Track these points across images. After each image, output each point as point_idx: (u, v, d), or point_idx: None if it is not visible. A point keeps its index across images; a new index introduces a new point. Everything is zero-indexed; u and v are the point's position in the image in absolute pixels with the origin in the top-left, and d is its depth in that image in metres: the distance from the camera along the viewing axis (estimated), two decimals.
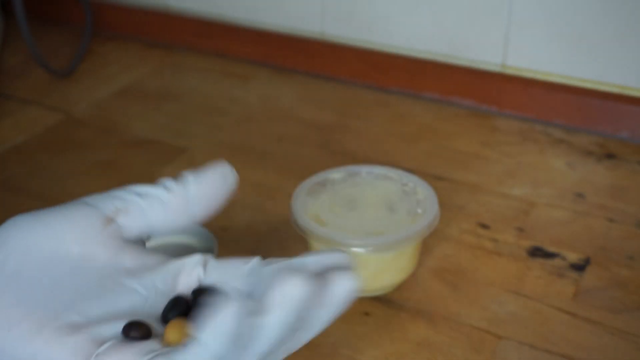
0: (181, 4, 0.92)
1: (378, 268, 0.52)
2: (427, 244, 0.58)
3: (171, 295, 0.36)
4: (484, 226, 0.61)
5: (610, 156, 0.70)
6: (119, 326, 0.34)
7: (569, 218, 0.62)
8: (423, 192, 0.55)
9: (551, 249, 0.58)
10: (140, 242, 0.38)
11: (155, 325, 0.35)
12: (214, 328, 0.30)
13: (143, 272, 0.36)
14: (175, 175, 0.39)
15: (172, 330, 0.34)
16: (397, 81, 0.82)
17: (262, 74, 0.87)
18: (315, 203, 0.54)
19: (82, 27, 0.96)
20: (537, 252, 0.58)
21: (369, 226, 0.52)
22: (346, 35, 0.83)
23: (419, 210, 0.53)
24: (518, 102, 0.76)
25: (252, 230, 0.60)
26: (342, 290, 0.32)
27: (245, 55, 0.89)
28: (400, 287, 0.55)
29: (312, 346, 0.50)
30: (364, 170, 0.57)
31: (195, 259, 0.37)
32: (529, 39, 0.74)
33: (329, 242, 0.51)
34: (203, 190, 0.38)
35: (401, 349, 0.50)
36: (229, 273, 0.36)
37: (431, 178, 0.66)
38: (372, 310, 0.53)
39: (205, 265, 0.37)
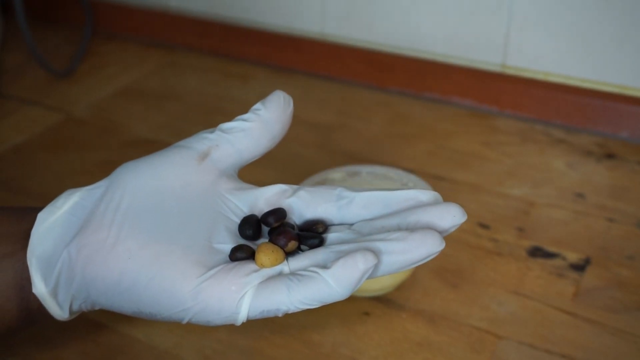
0: (181, 4, 0.92)
1: None
2: None
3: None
4: (484, 226, 0.61)
5: (610, 156, 0.70)
6: (224, 251, 0.38)
7: (569, 218, 0.62)
8: None
9: (551, 249, 0.58)
10: (234, 173, 0.43)
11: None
12: (349, 280, 0.35)
13: (239, 193, 0.41)
14: None
15: (263, 254, 0.37)
16: (397, 81, 0.82)
17: (262, 74, 0.87)
18: None
19: (82, 27, 0.96)
20: (537, 252, 0.58)
21: None
22: (346, 35, 0.83)
23: None
24: (518, 102, 0.76)
25: None
26: (425, 253, 0.36)
27: (245, 55, 0.89)
28: (400, 287, 0.55)
29: (312, 346, 0.50)
30: (364, 170, 0.57)
31: (283, 187, 0.41)
32: (529, 39, 0.74)
33: None
34: (273, 112, 0.42)
35: (401, 349, 0.50)
36: (321, 198, 0.40)
37: (431, 178, 0.66)
38: (372, 310, 0.53)
39: (294, 192, 0.41)
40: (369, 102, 0.81)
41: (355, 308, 0.53)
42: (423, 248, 0.36)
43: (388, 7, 0.80)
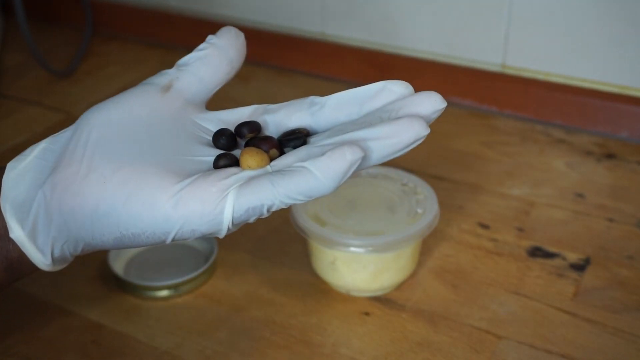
0: (181, 4, 0.92)
1: (378, 268, 0.52)
2: (427, 244, 0.58)
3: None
4: (484, 226, 0.61)
5: (610, 156, 0.70)
6: (199, 162, 0.38)
7: (569, 218, 0.62)
8: (423, 192, 0.55)
9: (551, 249, 0.58)
10: (201, 104, 0.43)
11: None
12: (335, 171, 0.34)
13: (208, 115, 0.42)
14: None
15: (249, 156, 0.37)
16: None
17: (262, 74, 0.87)
18: (315, 203, 0.54)
19: (82, 27, 0.96)
20: (537, 252, 0.58)
21: (369, 226, 0.52)
22: (346, 35, 0.83)
23: (419, 210, 0.53)
24: (518, 102, 0.76)
25: (252, 231, 0.60)
26: (413, 136, 0.36)
27: (245, 55, 0.89)
28: (400, 287, 0.55)
29: (312, 346, 0.50)
30: (364, 170, 0.57)
31: (255, 105, 0.42)
32: (529, 39, 0.74)
33: (328, 242, 0.51)
34: (226, 40, 0.43)
35: (401, 349, 0.50)
36: (293, 108, 0.40)
37: (431, 178, 0.66)
38: (372, 310, 0.53)
39: (266, 109, 0.41)
40: None
41: (355, 308, 0.53)
42: (411, 131, 0.36)
43: (388, 7, 0.80)
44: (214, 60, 0.43)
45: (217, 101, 0.41)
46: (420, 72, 0.80)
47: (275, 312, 0.53)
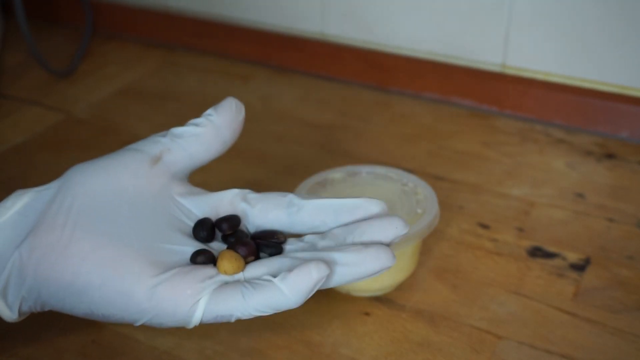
0: (181, 4, 0.92)
1: None
2: (427, 244, 0.58)
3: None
4: (484, 226, 0.61)
5: (610, 156, 0.70)
6: (178, 252, 0.39)
7: (569, 218, 0.62)
8: (423, 192, 0.55)
9: (551, 249, 0.58)
10: (185, 177, 0.44)
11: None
12: (301, 289, 0.36)
13: (191, 197, 0.42)
14: None
15: (227, 262, 0.38)
16: (397, 81, 0.82)
17: (262, 74, 0.87)
18: None
19: (82, 27, 0.96)
20: (537, 252, 0.58)
21: None
22: (346, 35, 0.83)
23: (419, 210, 0.53)
24: (518, 102, 0.76)
25: None
26: (378, 267, 0.38)
27: (245, 55, 0.89)
28: (400, 287, 0.55)
29: (312, 346, 0.50)
30: (364, 170, 0.57)
31: (235, 191, 0.43)
32: (529, 39, 0.74)
33: None
34: (225, 118, 0.43)
35: (401, 349, 0.50)
36: (271, 204, 0.41)
37: (431, 178, 0.66)
38: (372, 310, 0.53)
39: (245, 198, 0.42)
40: (369, 102, 0.81)
41: (355, 308, 0.53)
42: (377, 262, 0.38)
43: (388, 7, 0.80)
44: (208, 138, 0.43)
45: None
46: (420, 72, 0.80)
47: None
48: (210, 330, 0.51)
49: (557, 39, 0.73)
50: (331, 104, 0.80)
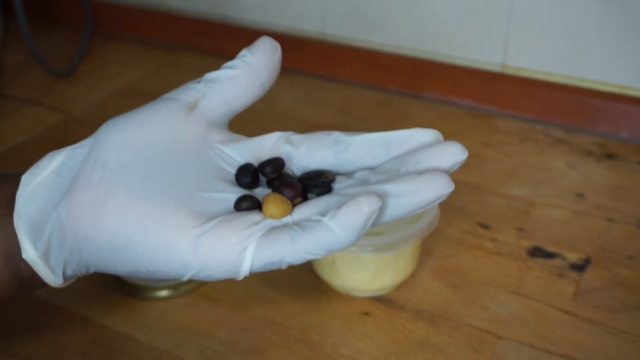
0: (181, 4, 0.92)
1: (378, 268, 0.52)
2: (427, 244, 0.58)
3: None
4: (484, 226, 0.61)
5: (610, 156, 0.70)
6: (221, 200, 0.37)
7: (569, 218, 0.62)
8: None
9: (551, 249, 0.58)
10: (224, 124, 0.41)
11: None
12: (353, 225, 0.34)
13: (231, 143, 0.40)
14: None
15: (272, 205, 0.36)
16: (397, 81, 0.82)
17: None
18: None
19: (82, 27, 0.96)
20: (537, 252, 0.58)
21: None
22: (346, 35, 0.83)
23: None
24: (518, 102, 0.76)
25: None
26: (435, 194, 0.35)
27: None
28: (400, 287, 0.55)
29: (312, 346, 0.50)
30: None
31: (277, 134, 0.40)
32: (529, 39, 0.74)
33: None
34: (260, 58, 0.40)
35: (401, 349, 0.50)
36: (316, 144, 0.39)
37: None
38: (372, 310, 0.53)
39: (288, 139, 0.40)
40: (369, 102, 0.81)
41: (355, 308, 0.53)
42: (433, 189, 0.35)
43: (388, 7, 0.80)
44: (244, 81, 0.41)
45: None
46: (420, 72, 0.80)
47: (275, 312, 0.53)
48: (210, 330, 0.51)
49: (557, 39, 0.73)
50: (331, 104, 0.80)
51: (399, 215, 0.35)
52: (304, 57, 0.85)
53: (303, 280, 0.56)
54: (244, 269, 0.35)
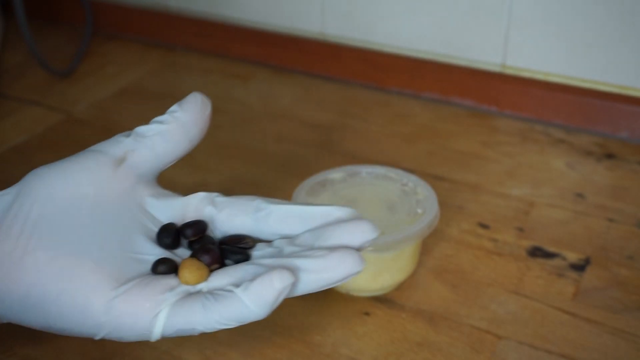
0: (181, 4, 0.92)
1: (378, 268, 0.52)
2: (427, 244, 0.58)
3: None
4: (484, 226, 0.61)
5: (610, 156, 0.70)
6: (140, 261, 0.37)
7: (569, 218, 0.62)
8: (423, 192, 0.55)
9: (551, 249, 0.58)
10: (153, 179, 0.41)
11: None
12: (264, 300, 0.34)
13: (157, 200, 0.40)
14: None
15: (188, 272, 0.36)
16: (397, 81, 0.82)
17: (262, 74, 0.87)
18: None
19: (82, 27, 0.96)
20: (537, 252, 0.58)
21: None
22: (346, 35, 0.83)
23: (419, 210, 0.53)
24: (518, 102, 0.76)
25: None
26: (344, 272, 0.36)
27: (245, 55, 0.89)
28: (400, 287, 0.55)
29: (312, 346, 0.50)
30: (364, 170, 0.57)
31: (202, 195, 0.41)
32: (529, 39, 0.74)
33: None
34: (191, 115, 0.41)
35: (401, 349, 0.50)
36: (238, 209, 0.40)
37: (431, 178, 0.66)
38: (372, 310, 0.53)
39: (212, 201, 0.40)
40: (369, 102, 0.81)
41: (355, 308, 0.53)
42: (342, 268, 0.35)
43: (388, 7, 0.80)
44: (174, 136, 0.41)
45: (217, 101, 0.41)
46: (420, 72, 0.80)
47: (275, 312, 0.53)
48: None
49: (557, 39, 0.73)
50: (331, 104, 0.80)
51: (311, 289, 0.36)
52: (304, 57, 0.85)
53: None
54: (155, 334, 0.36)
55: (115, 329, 0.35)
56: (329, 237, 0.37)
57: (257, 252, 0.39)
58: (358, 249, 0.37)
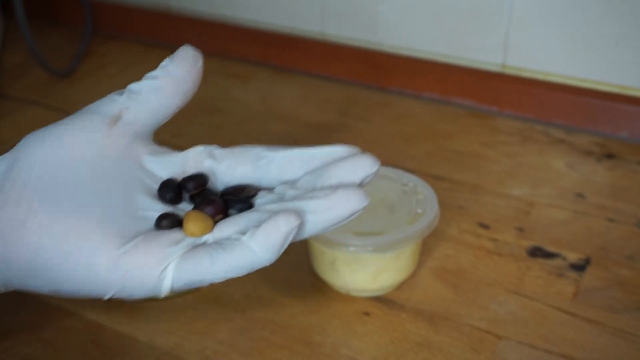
0: (181, 4, 0.92)
1: (378, 268, 0.52)
2: (427, 244, 0.58)
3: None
4: (484, 226, 0.61)
5: (610, 156, 0.70)
6: (143, 218, 0.37)
7: (569, 218, 0.62)
8: (423, 192, 0.55)
9: (551, 249, 0.58)
10: (149, 136, 0.41)
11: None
12: (272, 244, 0.34)
13: (155, 157, 0.40)
14: None
15: (192, 223, 0.36)
16: (397, 81, 0.82)
17: (262, 74, 0.87)
18: None
19: (82, 27, 0.96)
20: (537, 252, 0.58)
21: (369, 226, 0.52)
22: (346, 35, 0.83)
23: (419, 210, 0.53)
24: (518, 102, 0.76)
25: None
26: (349, 210, 0.35)
27: (245, 55, 0.89)
28: (400, 287, 0.55)
29: (312, 346, 0.50)
30: None
31: (200, 148, 0.40)
32: (529, 39, 0.74)
33: (328, 242, 0.51)
34: (183, 68, 0.41)
35: (401, 349, 0.50)
36: (238, 159, 0.39)
37: (431, 178, 0.66)
38: (372, 310, 0.53)
39: (211, 154, 0.40)
40: (369, 102, 0.81)
41: (355, 308, 0.53)
42: (347, 205, 0.35)
43: (388, 7, 0.80)
44: (167, 91, 0.40)
45: (217, 101, 0.41)
46: (420, 72, 0.80)
47: (275, 312, 0.53)
48: (210, 330, 0.51)
49: (557, 39, 0.73)
50: (331, 104, 0.80)
51: (318, 230, 0.36)
52: (304, 57, 0.85)
53: (303, 280, 0.56)
54: (165, 288, 0.35)
55: (123, 287, 0.35)
56: (330, 176, 0.37)
57: (259, 200, 0.38)
58: (360, 184, 0.37)
